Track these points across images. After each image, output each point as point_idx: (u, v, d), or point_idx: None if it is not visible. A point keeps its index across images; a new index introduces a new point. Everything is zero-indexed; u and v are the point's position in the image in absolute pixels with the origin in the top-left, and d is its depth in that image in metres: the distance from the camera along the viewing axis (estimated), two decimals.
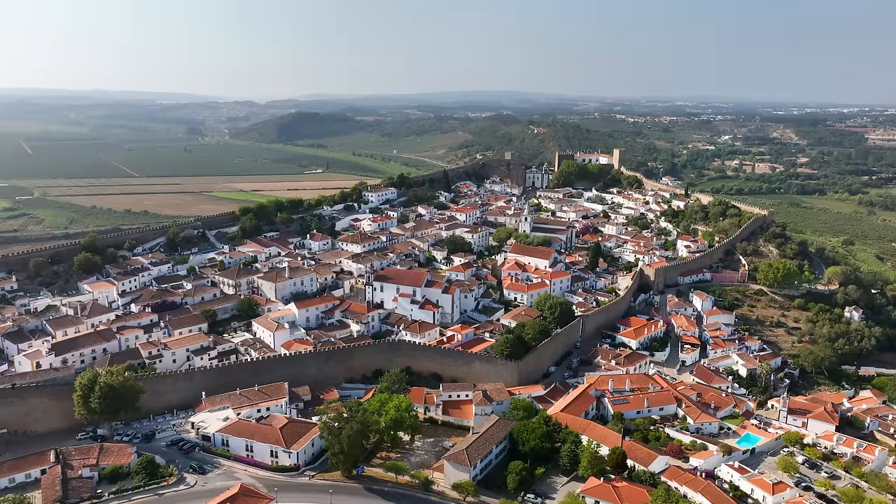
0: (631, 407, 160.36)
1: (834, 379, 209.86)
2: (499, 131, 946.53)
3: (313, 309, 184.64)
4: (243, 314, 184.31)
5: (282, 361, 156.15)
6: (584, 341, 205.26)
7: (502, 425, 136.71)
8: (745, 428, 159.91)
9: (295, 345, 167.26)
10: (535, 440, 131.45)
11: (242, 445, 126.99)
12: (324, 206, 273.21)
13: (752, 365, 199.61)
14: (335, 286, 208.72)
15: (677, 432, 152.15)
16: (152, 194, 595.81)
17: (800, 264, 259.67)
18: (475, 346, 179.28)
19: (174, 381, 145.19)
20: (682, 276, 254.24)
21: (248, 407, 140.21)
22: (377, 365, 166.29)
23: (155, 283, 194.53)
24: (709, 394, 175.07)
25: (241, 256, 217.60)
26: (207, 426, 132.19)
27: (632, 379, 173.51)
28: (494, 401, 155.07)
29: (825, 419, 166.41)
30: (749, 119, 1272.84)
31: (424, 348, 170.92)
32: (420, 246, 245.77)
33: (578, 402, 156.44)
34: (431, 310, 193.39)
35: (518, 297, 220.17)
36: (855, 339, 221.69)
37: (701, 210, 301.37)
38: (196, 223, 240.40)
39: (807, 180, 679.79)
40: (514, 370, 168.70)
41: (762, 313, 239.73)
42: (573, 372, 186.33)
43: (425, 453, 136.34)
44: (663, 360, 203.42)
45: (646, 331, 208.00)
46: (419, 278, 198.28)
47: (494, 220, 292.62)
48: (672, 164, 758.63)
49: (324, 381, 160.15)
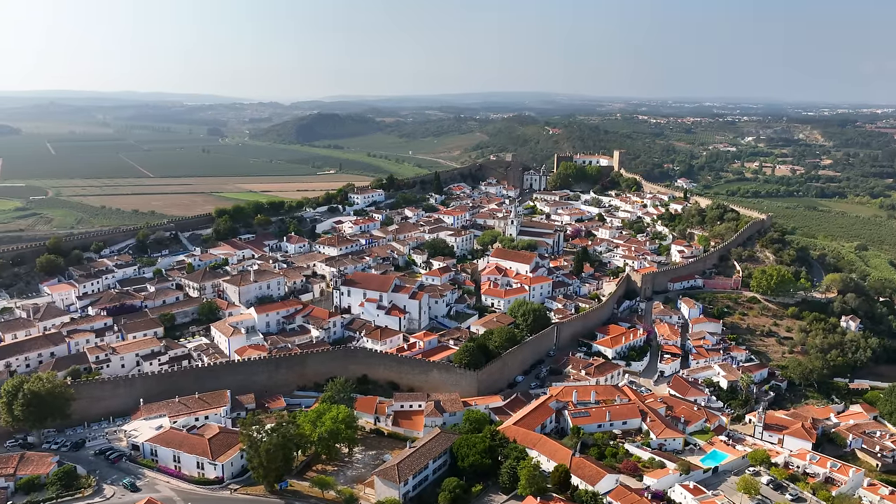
0: (592, 420, 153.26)
1: (823, 392, 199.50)
2: (515, 132, 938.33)
3: (274, 313, 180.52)
4: (204, 318, 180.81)
5: (228, 368, 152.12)
6: (560, 350, 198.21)
7: (443, 439, 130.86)
8: (713, 444, 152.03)
9: (248, 350, 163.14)
10: (475, 455, 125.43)
11: (170, 456, 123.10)
12: (306, 208, 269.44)
13: (734, 377, 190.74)
14: (305, 290, 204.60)
15: (637, 448, 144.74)
16: (162, 194, 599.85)
17: (796, 271, 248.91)
18: (438, 354, 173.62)
19: (114, 387, 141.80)
20: (672, 283, 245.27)
21: (185, 415, 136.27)
22: (332, 372, 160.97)
23: (118, 285, 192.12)
24: (680, 407, 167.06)
25: (211, 259, 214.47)
26: (138, 435, 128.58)
27: (598, 390, 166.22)
28: (447, 412, 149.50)
29: (801, 436, 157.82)
30: (776, 120, 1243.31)
31: (381, 356, 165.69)
32: (399, 249, 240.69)
33: (534, 415, 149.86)
34: (398, 315, 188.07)
35: (495, 303, 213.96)
36: (849, 351, 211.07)
37: (698, 214, 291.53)
38: (168, 225, 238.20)
39: (827, 183, 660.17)
40: (473, 380, 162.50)
41: (754, 322, 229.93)
42: (540, 382, 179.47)
43: (364, 466, 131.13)
44: (640, 371, 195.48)
45: (623, 339, 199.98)
46: (386, 283, 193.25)
47: (484, 222, 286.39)
48: (689, 166, 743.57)
49: (274, 389, 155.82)
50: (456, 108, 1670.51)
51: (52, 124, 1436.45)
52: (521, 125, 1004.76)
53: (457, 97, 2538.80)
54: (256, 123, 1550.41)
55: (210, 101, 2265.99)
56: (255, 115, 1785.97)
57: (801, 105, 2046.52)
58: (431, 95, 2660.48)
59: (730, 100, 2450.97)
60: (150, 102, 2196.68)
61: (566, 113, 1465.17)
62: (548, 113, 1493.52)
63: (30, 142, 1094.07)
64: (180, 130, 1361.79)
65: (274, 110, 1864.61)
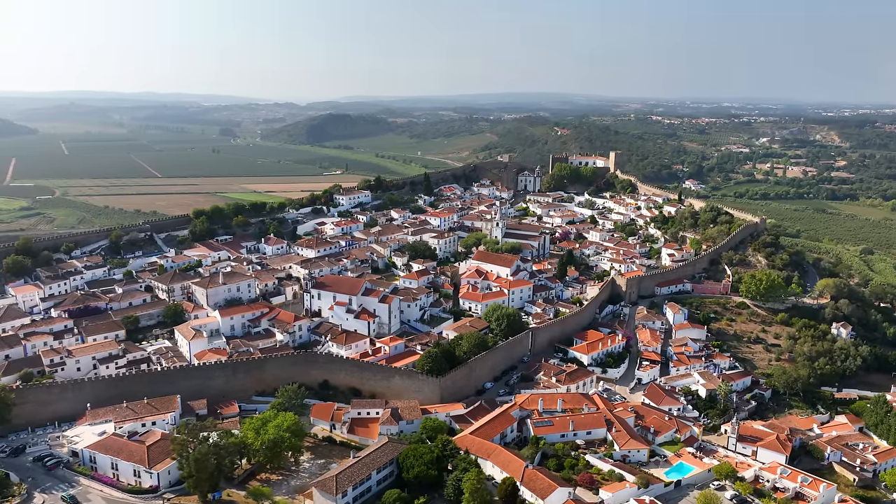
0: (555, 430, 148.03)
1: (809, 402, 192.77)
2: (524, 132, 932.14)
3: (239, 317, 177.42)
4: (169, 321, 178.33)
5: (182, 372, 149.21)
6: (535, 356, 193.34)
7: (390, 449, 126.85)
8: (680, 456, 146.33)
9: (208, 354, 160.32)
10: (420, 467, 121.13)
11: (109, 463, 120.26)
12: (289, 210, 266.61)
13: (714, 385, 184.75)
14: (277, 292, 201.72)
15: (599, 459, 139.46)
16: (167, 194, 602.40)
17: (788, 276, 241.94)
18: (404, 360, 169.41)
19: (61, 391, 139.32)
20: (659, 287, 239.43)
21: (131, 421, 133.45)
22: (292, 377, 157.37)
23: (86, 287, 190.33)
24: (651, 416, 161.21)
25: (184, 260, 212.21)
26: (79, 441, 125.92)
27: (566, 398, 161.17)
28: (404, 420, 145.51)
29: (775, 448, 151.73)
30: (793, 120, 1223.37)
31: (342, 361, 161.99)
32: (379, 251, 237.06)
33: (494, 424, 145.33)
34: (367, 319, 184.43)
35: (472, 307, 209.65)
36: (838, 359, 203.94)
37: (691, 216, 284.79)
38: (144, 226, 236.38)
39: (839, 185, 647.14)
40: (435, 387, 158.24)
41: (742, 328, 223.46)
42: (510, 389, 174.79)
43: (310, 476, 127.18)
44: (617, 378, 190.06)
45: (600, 345, 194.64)
46: (356, 286, 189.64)
47: (471, 224, 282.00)
48: (699, 167, 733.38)
49: (232, 394, 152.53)
50: (470, 109, 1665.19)
51: (69, 124, 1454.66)
52: (531, 125, 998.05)
53: (473, 97, 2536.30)
54: (269, 124, 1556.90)
55: (226, 102, 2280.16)
56: (270, 115, 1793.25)
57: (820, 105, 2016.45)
58: (448, 96, 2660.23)
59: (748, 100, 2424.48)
60: (167, 103, 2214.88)
61: (581, 113, 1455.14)
62: (563, 113, 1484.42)
63: (45, 142, 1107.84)
64: (193, 131, 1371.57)
65: (289, 111, 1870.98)
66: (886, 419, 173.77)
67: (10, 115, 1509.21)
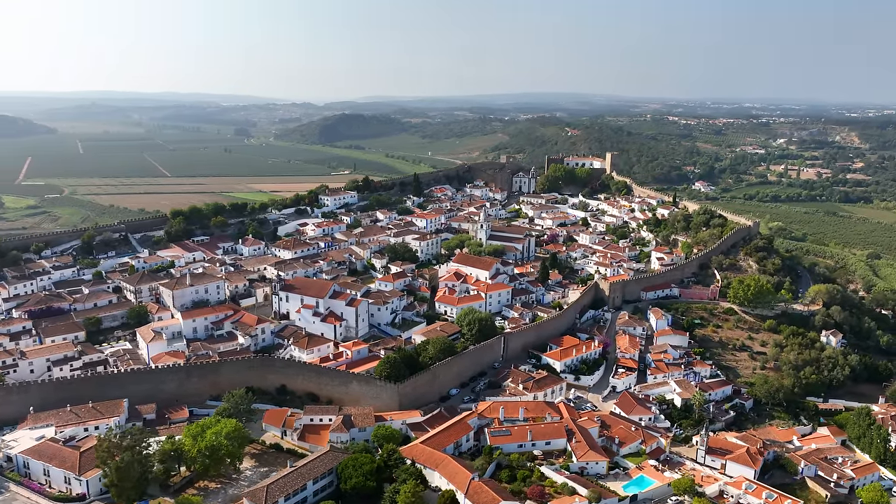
0: (512, 439, 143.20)
1: (792, 412, 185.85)
2: (535, 133, 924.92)
3: (202, 319, 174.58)
4: (132, 322, 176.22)
5: (133, 376, 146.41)
6: (508, 361, 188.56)
7: (330, 458, 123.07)
8: (642, 469, 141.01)
9: (165, 357, 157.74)
10: (359, 477, 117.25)
11: (41, 469, 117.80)
12: (271, 210, 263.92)
13: (690, 394, 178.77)
14: (248, 294, 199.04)
15: (554, 471, 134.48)
16: (173, 194, 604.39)
17: (780, 281, 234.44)
18: (366, 365, 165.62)
19: (5, 394, 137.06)
20: (645, 291, 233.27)
21: (74, 425, 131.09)
22: (249, 382, 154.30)
23: (53, 287, 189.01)
24: (617, 427, 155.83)
25: (157, 261, 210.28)
26: (15, 446, 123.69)
27: (529, 407, 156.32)
28: (357, 427, 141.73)
29: (744, 462, 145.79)
30: (814, 121, 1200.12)
31: (299, 365, 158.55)
32: (358, 253, 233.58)
33: (448, 433, 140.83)
34: (333, 323, 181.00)
35: (448, 311, 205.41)
36: (825, 368, 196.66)
37: (683, 219, 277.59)
38: (118, 226, 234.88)
39: (854, 187, 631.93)
40: (393, 393, 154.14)
41: (728, 335, 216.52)
42: (475, 396, 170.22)
43: (249, 485, 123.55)
44: (590, 385, 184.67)
45: (574, 352, 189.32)
46: (324, 289, 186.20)
47: (458, 226, 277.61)
48: (711, 169, 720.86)
49: (185, 399, 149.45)
50: (486, 109, 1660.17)
51: (88, 124, 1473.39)
52: (543, 126, 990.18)
53: (492, 98, 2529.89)
54: (285, 124, 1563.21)
55: (245, 102, 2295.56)
56: (286, 115, 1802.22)
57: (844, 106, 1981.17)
58: (466, 96, 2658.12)
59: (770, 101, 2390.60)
60: (187, 103, 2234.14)
61: (598, 114, 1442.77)
62: (580, 114, 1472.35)
63: (62, 141, 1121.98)
64: (209, 130, 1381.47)
65: (305, 111, 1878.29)
66: (869, 432, 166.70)
67: (33, 114, 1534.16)
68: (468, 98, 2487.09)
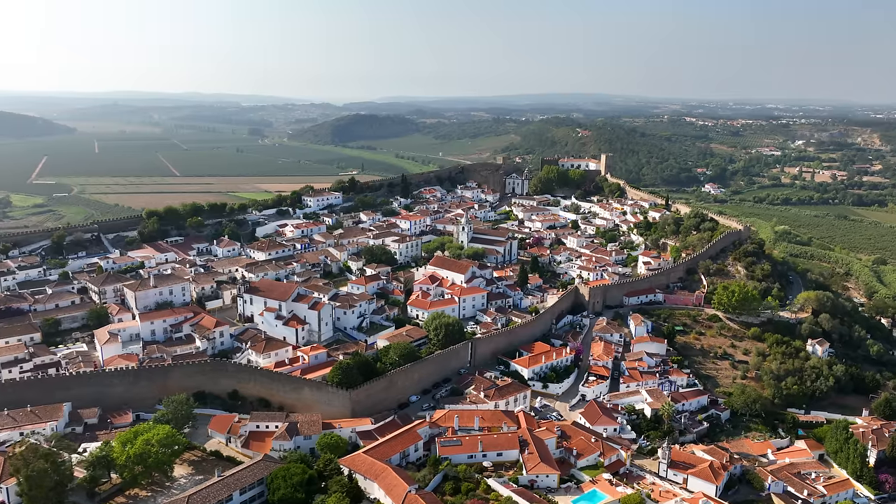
0: (463, 450, 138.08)
1: (770, 424, 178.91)
2: (546, 134, 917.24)
3: (160, 321, 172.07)
4: (92, 324, 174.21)
5: (79, 379, 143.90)
6: (476, 367, 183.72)
7: (260, 468, 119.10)
8: (596, 483, 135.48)
9: (117, 360, 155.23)
10: (287, 488, 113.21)
11: None
12: (251, 211, 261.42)
13: (660, 403, 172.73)
14: (215, 296, 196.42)
15: (502, 484, 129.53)
16: (179, 193, 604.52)
17: (767, 287, 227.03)
18: (324, 370, 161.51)
19: None
20: (628, 297, 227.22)
21: (9, 430, 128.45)
22: (199, 387, 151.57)
23: (17, 287, 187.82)
24: (577, 437, 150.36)
25: (127, 262, 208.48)
26: None
27: (485, 416, 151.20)
28: (302, 434, 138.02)
29: (705, 477, 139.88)
30: (836, 122, 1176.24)
31: (251, 370, 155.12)
32: (334, 255, 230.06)
33: (394, 442, 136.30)
34: (295, 326, 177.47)
35: (419, 315, 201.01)
36: (808, 378, 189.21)
37: (674, 223, 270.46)
38: (91, 226, 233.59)
39: (870, 190, 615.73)
40: (345, 400, 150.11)
41: (710, 343, 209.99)
42: (435, 403, 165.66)
43: (181, 493, 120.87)
44: (559, 394, 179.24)
45: (544, 359, 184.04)
46: (287, 292, 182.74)
47: (444, 228, 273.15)
48: (723, 171, 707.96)
49: (134, 403, 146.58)
50: (503, 110, 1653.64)
51: (107, 124, 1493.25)
52: (556, 127, 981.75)
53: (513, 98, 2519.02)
54: (301, 124, 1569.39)
55: (265, 103, 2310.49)
56: (303, 115, 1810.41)
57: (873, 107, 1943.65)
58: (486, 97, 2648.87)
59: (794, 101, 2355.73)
60: (209, 103, 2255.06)
61: (615, 115, 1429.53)
62: (597, 115, 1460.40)
63: (80, 141, 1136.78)
64: (224, 130, 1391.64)
65: (323, 111, 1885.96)
66: (846, 446, 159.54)
67: (55, 114, 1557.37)
68: (489, 99, 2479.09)
